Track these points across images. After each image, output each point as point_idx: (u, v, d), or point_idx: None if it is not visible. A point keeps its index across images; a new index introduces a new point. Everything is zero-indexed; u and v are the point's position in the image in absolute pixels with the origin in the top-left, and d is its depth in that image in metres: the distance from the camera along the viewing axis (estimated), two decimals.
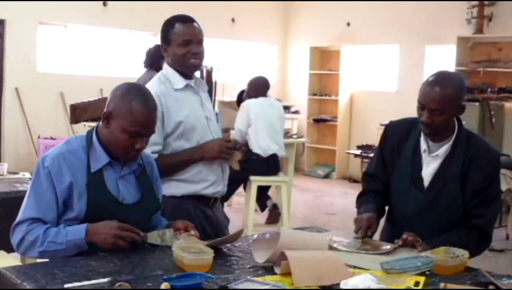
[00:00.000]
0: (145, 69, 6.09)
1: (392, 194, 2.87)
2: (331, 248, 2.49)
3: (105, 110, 2.44)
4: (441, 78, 2.66)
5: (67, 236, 2.33)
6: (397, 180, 2.84)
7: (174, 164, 2.96)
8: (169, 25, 3.03)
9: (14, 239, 2.39)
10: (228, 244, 2.54)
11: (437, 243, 2.47)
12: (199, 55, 3.03)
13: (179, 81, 3.04)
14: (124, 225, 2.35)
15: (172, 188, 2.95)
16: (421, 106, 2.65)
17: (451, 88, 2.61)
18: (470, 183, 2.69)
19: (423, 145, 2.77)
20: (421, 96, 2.65)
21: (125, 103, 2.39)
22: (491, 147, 2.78)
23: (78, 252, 2.34)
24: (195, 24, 3.04)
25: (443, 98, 2.59)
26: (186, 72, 3.05)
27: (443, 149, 2.73)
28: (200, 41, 3.03)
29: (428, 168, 2.76)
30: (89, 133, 2.49)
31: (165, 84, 3.00)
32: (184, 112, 2.99)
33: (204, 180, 3.03)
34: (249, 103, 6.48)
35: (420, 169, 2.78)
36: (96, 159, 2.44)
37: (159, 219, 2.65)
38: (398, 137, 2.87)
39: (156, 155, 2.87)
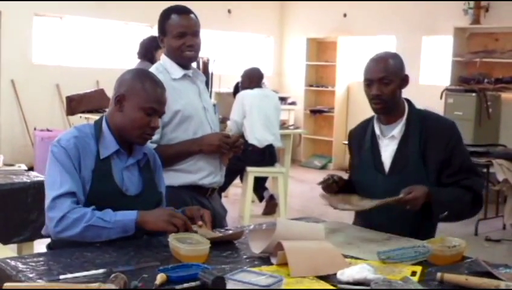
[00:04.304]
0: (138, 60, 6.07)
1: (358, 185, 2.91)
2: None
3: (116, 94, 2.48)
4: (380, 53, 2.89)
5: (116, 216, 2.33)
6: (361, 170, 2.91)
7: (172, 155, 2.95)
8: (165, 16, 3.02)
9: (54, 215, 2.31)
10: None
11: (438, 190, 2.65)
12: (194, 47, 3.02)
13: (177, 71, 3.03)
14: (177, 214, 2.40)
15: (169, 178, 2.94)
16: (368, 82, 2.81)
17: (392, 59, 2.82)
18: (430, 159, 2.76)
19: (377, 130, 2.87)
20: (366, 73, 2.83)
21: (138, 82, 2.47)
22: (444, 120, 2.92)
23: (77, 247, 2.31)
24: (191, 15, 3.03)
25: (387, 67, 2.78)
26: (181, 63, 3.04)
27: (397, 129, 2.82)
28: (195, 33, 3.02)
29: (387, 152, 2.84)
30: (98, 122, 2.52)
31: (162, 73, 2.99)
32: (182, 101, 2.98)
33: (201, 170, 3.03)
34: (243, 94, 6.47)
35: (380, 155, 2.85)
36: (105, 147, 2.45)
37: None
38: (358, 138, 2.99)
39: (154, 145, 2.87)
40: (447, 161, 2.77)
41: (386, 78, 2.75)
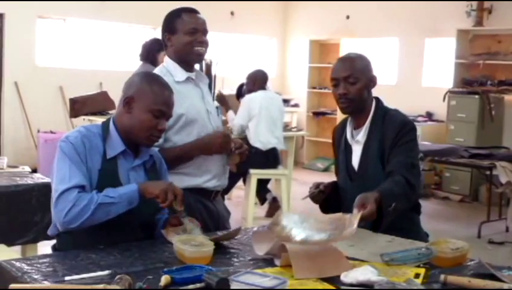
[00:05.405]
0: (140, 62, 6.08)
1: (339, 188, 2.93)
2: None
3: (125, 96, 2.51)
4: (347, 54, 2.93)
5: (118, 191, 2.37)
6: (339, 172, 2.94)
7: (173, 158, 2.95)
8: (175, 15, 3.04)
9: (61, 207, 2.33)
10: None
11: (377, 189, 2.50)
12: (204, 44, 3.05)
13: (180, 74, 3.03)
14: (176, 188, 2.44)
15: (174, 181, 2.91)
16: (335, 82, 2.79)
17: (359, 59, 2.85)
18: (386, 155, 2.75)
19: (348, 133, 2.87)
20: (332, 73, 2.81)
21: (147, 85, 2.52)
22: (400, 118, 2.80)
23: (82, 249, 2.33)
24: (200, 15, 3.08)
25: (353, 66, 2.78)
26: (190, 61, 3.05)
27: (361, 134, 2.82)
28: (205, 32, 3.07)
29: (355, 156, 2.85)
30: (105, 123, 2.55)
31: (166, 76, 2.98)
32: (185, 104, 2.98)
33: (206, 173, 3.03)
34: (250, 98, 6.47)
35: (351, 158, 2.86)
36: (112, 147, 2.48)
37: (161, 215, 2.65)
38: (338, 138, 3.00)
39: (156, 149, 2.87)
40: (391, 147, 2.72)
41: (352, 77, 2.75)
